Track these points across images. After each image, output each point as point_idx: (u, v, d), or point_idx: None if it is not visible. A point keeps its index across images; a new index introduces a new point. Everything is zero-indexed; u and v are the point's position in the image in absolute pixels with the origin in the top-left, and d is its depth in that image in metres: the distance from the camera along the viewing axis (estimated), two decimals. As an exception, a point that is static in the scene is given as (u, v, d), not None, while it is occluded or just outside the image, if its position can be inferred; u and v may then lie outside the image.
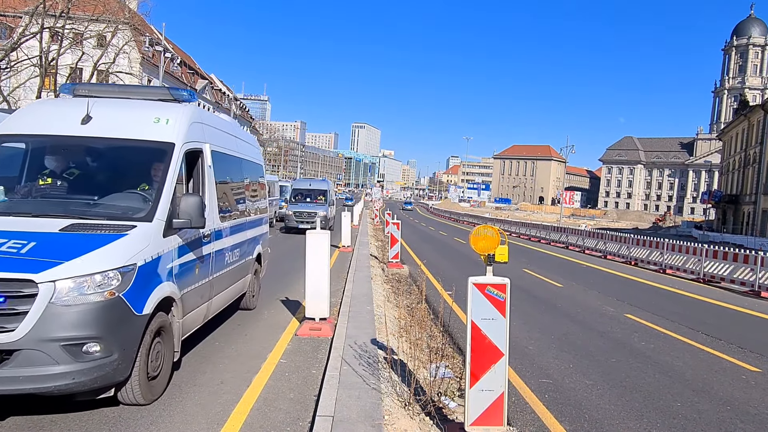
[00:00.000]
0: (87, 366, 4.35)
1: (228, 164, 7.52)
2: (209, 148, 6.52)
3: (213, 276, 6.58)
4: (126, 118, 5.92)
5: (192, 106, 6.35)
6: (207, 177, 6.37)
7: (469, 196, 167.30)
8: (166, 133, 5.77)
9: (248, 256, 8.47)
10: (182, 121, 5.95)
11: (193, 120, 6.16)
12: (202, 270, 6.18)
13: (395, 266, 15.68)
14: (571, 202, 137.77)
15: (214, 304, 6.83)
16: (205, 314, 6.62)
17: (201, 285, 6.18)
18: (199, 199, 5.43)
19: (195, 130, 6.19)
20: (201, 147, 6.30)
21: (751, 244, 37.09)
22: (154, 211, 5.27)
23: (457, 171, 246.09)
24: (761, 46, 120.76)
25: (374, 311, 9.01)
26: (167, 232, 5.31)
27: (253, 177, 9.09)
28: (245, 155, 8.64)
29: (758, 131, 55.74)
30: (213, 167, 6.57)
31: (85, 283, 4.43)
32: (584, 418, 5.74)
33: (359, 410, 4.82)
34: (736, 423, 5.88)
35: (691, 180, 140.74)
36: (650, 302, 13.61)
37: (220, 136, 7.27)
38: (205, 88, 68.42)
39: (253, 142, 9.98)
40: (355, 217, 30.18)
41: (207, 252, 6.31)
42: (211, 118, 7.14)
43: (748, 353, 8.91)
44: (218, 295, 6.95)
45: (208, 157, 6.45)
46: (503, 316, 4.46)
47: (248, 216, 8.44)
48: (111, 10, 31.70)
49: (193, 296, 5.96)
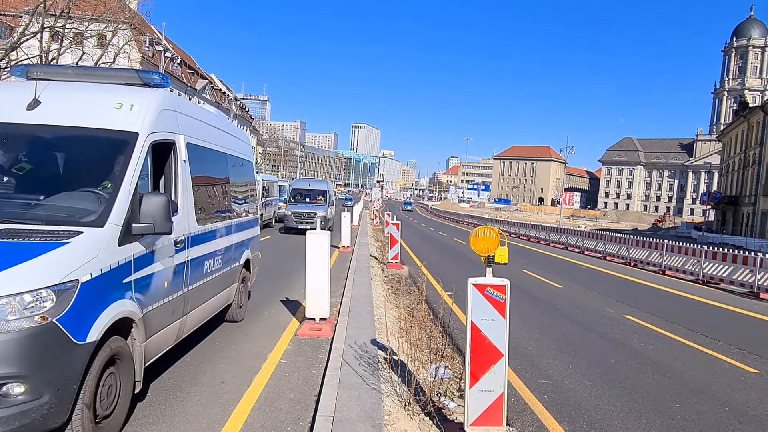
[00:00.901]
0: (7, 413, 3.52)
1: (209, 159, 6.72)
2: (184, 140, 5.66)
3: (188, 288, 5.75)
4: (82, 104, 5.06)
5: (163, 92, 5.48)
6: (181, 173, 5.56)
7: (469, 197, 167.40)
8: (128, 120, 4.91)
9: (234, 263, 7.64)
10: (149, 107, 5.08)
11: (163, 107, 5.30)
12: (174, 282, 5.35)
13: (395, 267, 15.70)
14: (571, 202, 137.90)
15: (189, 320, 6.00)
16: (178, 333, 5.74)
17: (172, 300, 5.33)
18: (164, 199, 4.59)
19: (166, 119, 5.34)
20: (173, 138, 5.45)
21: (751, 246, 37.13)
22: (108, 214, 4.38)
23: (456, 171, 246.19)
24: (761, 47, 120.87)
25: (374, 312, 9.03)
26: (124, 239, 4.46)
27: (240, 174, 8.29)
28: (231, 150, 7.82)
29: (758, 132, 55.78)
30: (189, 162, 5.74)
31: (6, 306, 3.58)
32: (583, 418, 5.76)
33: (359, 410, 4.84)
34: (734, 424, 5.90)
35: (691, 181, 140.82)
36: (649, 303, 13.64)
37: (200, 127, 6.43)
38: (205, 88, 68.43)
39: (242, 137, 9.11)
40: (354, 217, 30.20)
41: (180, 261, 5.48)
42: (188, 106, 6.27)
43: (747, 354, 8.93)
44: (195, 310, 6.11)
45: (183, 150, 5.61)
46: (503, 317, 4.48)
47: (234, 218, 7.61)
48: (111, 10, 31.68)
49: (161, 314, 5.11)
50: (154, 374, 5.80)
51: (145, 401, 5.20)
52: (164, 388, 5.55)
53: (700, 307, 13.95)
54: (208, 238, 6.37)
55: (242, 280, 8.23)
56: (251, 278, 8.95)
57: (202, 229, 6.09)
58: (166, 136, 5.32)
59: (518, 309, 10.61)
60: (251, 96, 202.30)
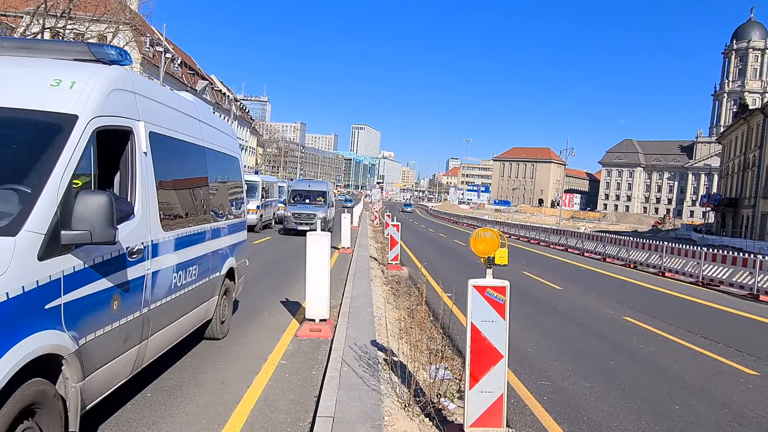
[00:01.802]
0: None
1: (181, 153, 5.83)
2: (145, 128, 4.75)
3: (150, 307, 4.83)
4: (10, 80, 4.14)
5: (117, 69, 4.51)
6: (140, 169, 4.66)
7: (469, 198, 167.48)
8: (65, 100, 3.97)
9: (213, 273, 6.73)
10: (96, 86, 4.13)
11: (116, 87, 4.35)
12: (128, 302, 4.42)
13: (395, 268, 15.71)
14: (571, 204, 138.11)
15: (152, 345, 5.03)
16: (135, 362, 4.75)
17: (124, 324, 4.37)
18: (105, 199, 3.59)
19: (120, 102, 4.41)
20: (130, 126, 4.54)
21: (750, 248, 37.14)
22: (24, 219, 3.39)
23: (456, 173, 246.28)
24: (761, 49, 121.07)
25: (374, 313, 9.04)
26: (49, 252, 3.47)
27: (223, 172, 7.46)
28: (212, 144, 6.90)
29: (757, 135, 55.83)
30: (152, 156, 4.88)
31: None
32: (583, 420, 5.77)
33: (359, 411, 4.85)
34: (733, 426, 5.91)
35: (691, 183, 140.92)
36: (649, 305, 13.64)
37: (169, 114, 5.53)
38: (206, 89, 68.49)
39: (227, 130, 8.17)
40: (354, 218, 30.20)
41: (137, 275, 4.54)
42: (153, 89, 5.33)
43: (747, 356, 8.94)
44: (160, 332, 5.16)
45: (143, 140, 4.71)
46: (503, 319, 4.49)
47: (214, 221, 6.72)
48: (112, 11, 31.74)
49: (108, 343, 4.12)
50: (154, 374, 5.81)
51: (146, 402, 5.21)
52: (164, 389, 5.56)
53: (699, 309, 13.96)
54: (178, 245, 5.45)
55: (225, 292, 7.34)
56: (236, 289, 8.14)
57: (168, 235, 5.19)
58: (119, 122, 4.39)
59: (518, 310, 10.62)
60: (251, 97, 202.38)
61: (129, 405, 5.07)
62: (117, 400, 4.99)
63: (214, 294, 6.85)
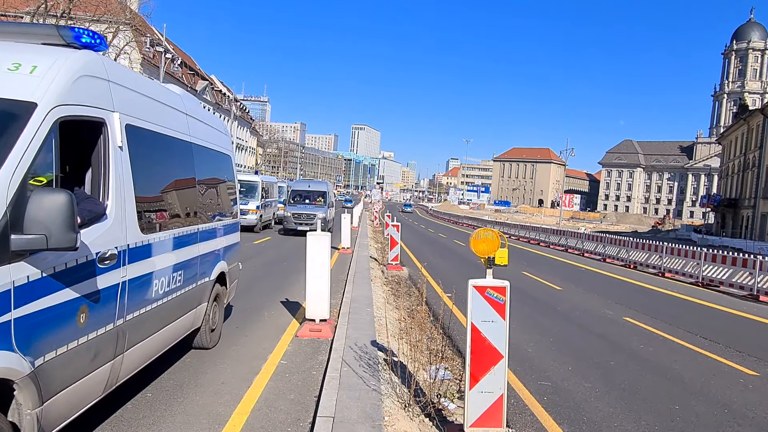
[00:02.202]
0: None
1: (163, 149, 5.41)
2: (120, 120, 4.31)
3: (126, 318, 4.38)
4: None
5: (88, 54, 4.06)
6: (114, 164, 4.21)
7: (469, 199, 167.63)
8: (22, 86, 3.58)
9: (201, 279, 6.30)
10: (62, 71, 3.71)
11: (85, 72, 3.92)
12: (98, 314, 3.95)
13: (395, 268, 15.72)
14: (571, 205, 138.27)
15: (129, 360, 4.56)
16: (109, 380, 4.28)
17: (94, 339, 3.90)
18: (64, 198, 3.18)
19: (90, 90, 3.99)
20: (102, 117, 4.10)
21: (750, 248, 37.14)
22: None
23: (456, 173, 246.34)
24: (761, 50, 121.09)
25: (374, 313, 9.04)
26: None
27: (213, 170, 7.05)
28: (201, 140, 6.48)
29: (757, 135, 55.84)
30: (129, 150, 4.45)
31: None
32: (582, 420, 5.78)
33: (359, 411, 4.85)
34: (733, 426, 5.91)
35: (691, 183, 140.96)
36: (649, 305, 13.65)
37: (150, 106, 5.11)
38: (206, 89, 68.52)
39: (218, 126, 7.72)
40: (354, 218, 30.22)
41: (110, 283, 4.10)
42: (131, 77, 4.85)
43: (746, 357, 8.94)
44: (139, 345, 4.71)
45: (118, 133, 4.26)
46: (503, 319, 4.50)
47: (202, 223, 6.29)
48: (112, 11, 31.77)
49: (72, 361, 3.67)
50: (154, 374, 5.81)
51: (146, 401, 5.21)
52: (165, 389, 5.56)
53: (699, 309, 13.96)
54: (159, 249, 5.00)
55: (215, 299, 6.94)
56: (228, 295, 7.68)
57: (148, 239, 4.74)
58: (88, 113, 3.95)
59: (518, 311, 10.62)
60: (251, 97, 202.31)
61: (129, 405, 5.07)
62: (117, 400, 4.99)
63: (202, 301, 6.42)
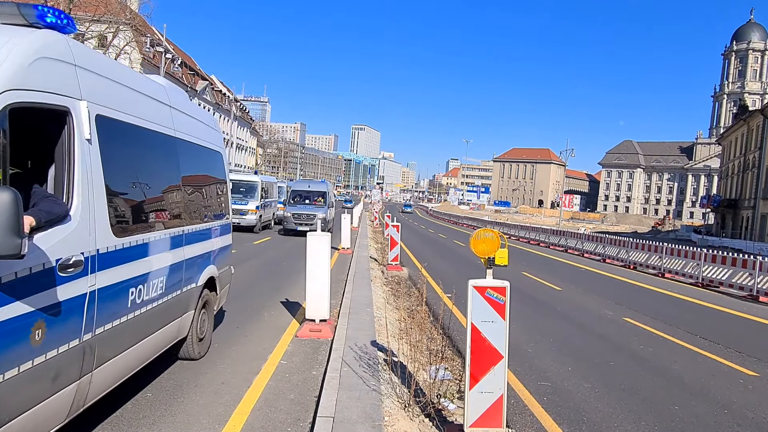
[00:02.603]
0: None
1: (142, 143, 4.95)
2: (88, 109, 3.86)
3: (95, 333, 3.91)
4: None
5: (51, 34, 3.62)
6: (80, 159, 3.75)
7: (469, 199, 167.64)
8: None
9: (188, 285, 5.85)
10: (15, 51, 3.29)
11: (44, 55, 3.48)
12: (59, 329, 3.50)
13: (395, 268, 15.73)
14: (571, 205, 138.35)
15: (99, 378, 4.07)
16: (74, 402, 3.77)
17: (54, 357, 3.45)
18: (6, 197, 2.81)
19: (51, 74, 3.55)
20: (66, 105, 3.66)
21: (750, 249, 37.15)
22: None
23: (456, 174, 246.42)
24: (761, 51, 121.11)
25: (374, 313, 9.05)
26: None
27: (201, 168, 6.60)
28: (187, 134, 6.01)
29: (757, 136, 55.88)
30: (100, 144, 4.00)
31: None
32: (582, 420, 5.78)
33: (359, 411, 4.85)
34: (733, 427, 5.91)
35: (691, 184, 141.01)
36: (649, 306, 13.65)
37: (126, 96, 4.63)
38: (206, 89, 68.54)
39: (208, 121, 7.22)
40: (354, 219, 30.23)
41: (74, 294, 3.64)
42: (104, 64, 4.36)
43: (746, 357, 8.94)
44: (111, 361, 4.22)
45: (86, 124, 3.81)
46: (503, 319, 4.50)
47: (188, 225, 5.85)
48: (112, 11, 31.79)
49: (25, 385, 3.23)
50: (154, 374, 5.82)
51: (146, 401, 5.21)
52: (164, 389, 5.56)
53: (699, 309, 13.97)
54: (136, 255, 4.58)
55: (204, 305, 6.49)
56: (218, 301, 7.23)
57: (122, 242, 4.29)
58: (48, 100, 3.51)
59: (518, 311, 10.62)
60: (252, 97, 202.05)
61: (129, 405, 5.07)
62: (117, 400, 4.99)
63: (188, 309, 5.97)
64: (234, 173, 31.35)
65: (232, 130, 78.95)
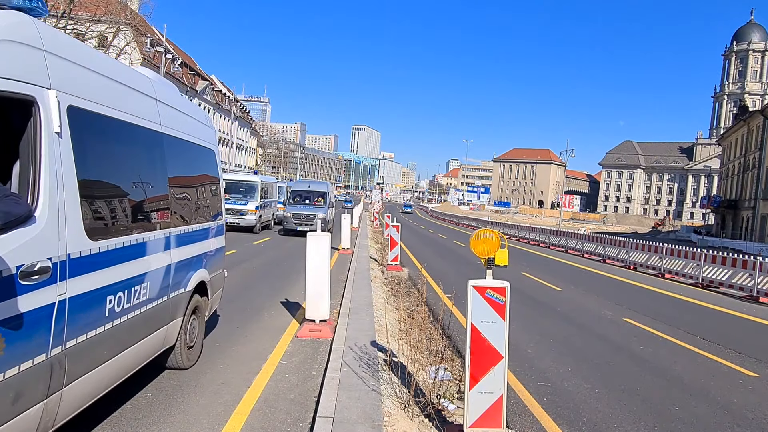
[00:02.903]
0: None
1: (122, 138, 4.58)
2: (59, 99, 3.52)
3: (66, 346, 3.55)
4: None
5: (15, 15, 3.29)
6: (48, 154, 3.41)
7: (469, 200, 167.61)
8: None
9: (175, 290, 5.49)
10: None
11: (9, 38, 3.17)
12: (22, 344, 3.16)
13: (395, 269, 15.73)
14: (571, 205, 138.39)
15: (72, 395, 3.71)
16: (40, 423, 3.41)
17: (16, 376, 3.11)
18: None
19: (14, 59, 3.22)
20: (32, 95, 3.33)
21: (750, 250, 37.15)
22: None
23: (456, 174, 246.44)
24: (761, 51, 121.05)
25: (374, 313, 9.05)
26: None
27: (190, 166, 6.23)
28: (175, 130, 5.67)
29: (757, 136, 55.88)
30: (72, 138, 3.66)
31: None
32: (582, 421, 5.78)
33: (359, 411, 4.85)
34: (733, 427, 5.91)
35: (691, 185, 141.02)
36: (649, 306, 13.65)
37: (105, 87, 4.25)
38: (206, 89, 68.54)
39: (199, 116, 6.88)
40: (354, 219, 30.23)
41: (39, 304, 3.29)
42: (78, 50, 3.99)
43: (746, 358, 8.94)
44: (85, 377, 3.85)
45: (54, 116, 3.47)
46: (503, 319, 4.50)
47: (175, 226, 5.50)
48: (112, 11, 31.81)
49: None
50: (154, 374, 5.82)
51: (146, 401, 5.21)
52: (164, 389, 5.56)
53: (699, 310, 13.96)
54: (114, 259, 4.20)
55: (194, 311, 6.13)
56: (210, 306, 6.86)
57: (98, 246, 3.94)
58: (9, 87, 3.17)
59: (518, 311, 10.62)
60: (252, 97, 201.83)
61: (129, 405, 5.07)
62: (117, 400, 4.99)
63: (175, 316, 5.58)
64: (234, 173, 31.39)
65: (232, 131, 78.96)
